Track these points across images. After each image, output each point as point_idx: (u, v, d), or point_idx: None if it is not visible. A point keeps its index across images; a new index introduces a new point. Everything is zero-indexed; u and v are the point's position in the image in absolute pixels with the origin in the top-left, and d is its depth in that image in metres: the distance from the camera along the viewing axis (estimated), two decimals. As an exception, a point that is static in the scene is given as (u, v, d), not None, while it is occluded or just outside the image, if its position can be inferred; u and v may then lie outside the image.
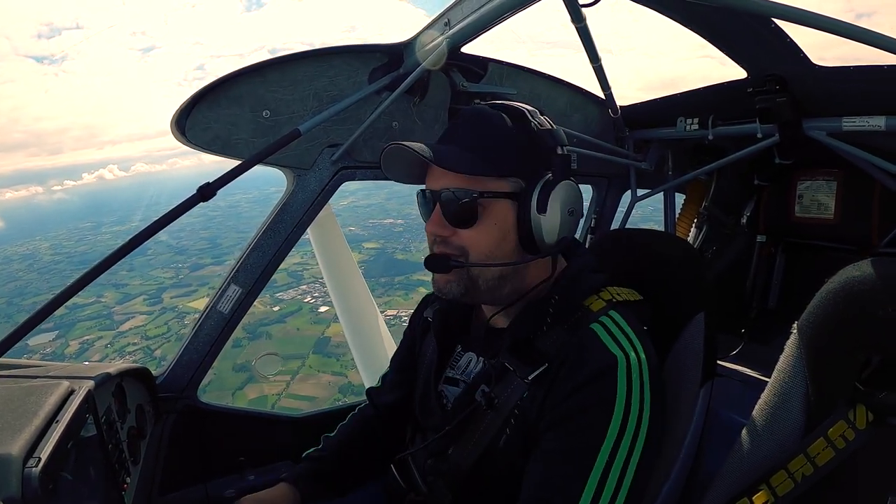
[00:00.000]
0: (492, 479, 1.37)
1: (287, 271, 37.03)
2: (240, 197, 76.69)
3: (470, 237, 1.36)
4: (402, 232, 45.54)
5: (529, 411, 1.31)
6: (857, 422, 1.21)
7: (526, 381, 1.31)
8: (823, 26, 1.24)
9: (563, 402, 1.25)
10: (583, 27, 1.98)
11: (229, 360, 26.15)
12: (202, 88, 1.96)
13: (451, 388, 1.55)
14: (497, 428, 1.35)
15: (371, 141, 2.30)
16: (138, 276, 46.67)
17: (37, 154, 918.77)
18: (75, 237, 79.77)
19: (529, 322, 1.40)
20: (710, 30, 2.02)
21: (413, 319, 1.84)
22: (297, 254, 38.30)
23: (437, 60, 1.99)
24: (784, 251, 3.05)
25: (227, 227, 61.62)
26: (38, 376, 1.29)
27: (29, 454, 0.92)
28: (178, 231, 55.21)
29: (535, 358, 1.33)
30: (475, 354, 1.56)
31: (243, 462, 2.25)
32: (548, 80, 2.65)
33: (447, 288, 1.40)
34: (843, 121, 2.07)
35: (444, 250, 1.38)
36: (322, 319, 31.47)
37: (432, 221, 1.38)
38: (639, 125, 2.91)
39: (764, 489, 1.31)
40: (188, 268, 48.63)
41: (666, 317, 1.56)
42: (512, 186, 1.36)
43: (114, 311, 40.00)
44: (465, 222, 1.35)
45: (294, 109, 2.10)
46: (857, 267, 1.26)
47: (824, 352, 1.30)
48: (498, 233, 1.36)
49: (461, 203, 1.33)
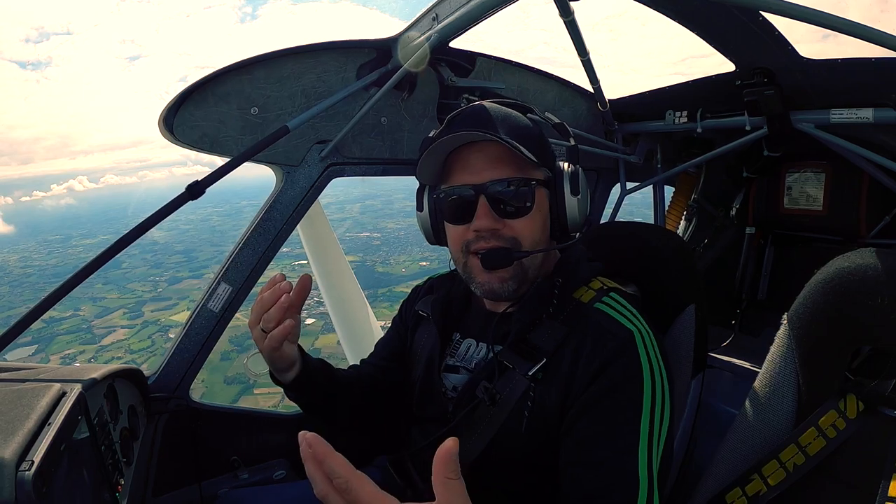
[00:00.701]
0: (493, 475, 1.37)
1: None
2: (211, 210, 76.15)
3: (521, 227, 1.38)
4: (379, 245, 45.60)
5: (546, 401, 1.31)
6: (847, 411, 1.23)
7: (526, 377, 1.32)
8: (811, 19, 1.25)
9: (590, 386, 1.26)
10: (571, 21, 1.97)
11: (219, 372, 25.85)
12: (190, 86, 1.95)
13: (451, 376, 1.55)
14: (501, 422, 1.35)
15: (360, 137, 2.29)
16: (115, 290, 46.15)
17: (7, 163, 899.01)
18: (45, 249, 78.54)
19: (536, 306, 1.41)
20: (698, 23, 2.02)
21: (404, 309, 1.83)
22: (278, 266, 37.95)
23: (418, 62, 2.00)
24: (773, 243, 3.07)
25: (201, 241, 61.06)
26: (29, 379, 1.28)
27: (22, 457, 0.91)
28: (151, 245, 54.91)
29: (532, 353, 1.34)
30: (475, 340, 1.56)
31: (236, 461, 2.25)
32: (536, 74, 2.65)
33: (503, 287, 1.40)
34: (832, 113, 2.08)
35: (498, 244, 1.37)
36: (309, 332, 31.15)
37: (481, 216, 1.36)
38: (628, 118, 2.92)
39: (756, 479, 1.33)
40: (165, 281, 48.20)
41: (656, 309, 1.57)
42: (543, 174, 1.41)
43: (93, 325, 39.39)
44: (520, 212, 1.37)
45: (282, 106, 2.09)
46: (846, 258, 1.28)
47: (814, 342, 1.31)
48: (542, 220, 1.41)
49: (519, 191, 1.36)
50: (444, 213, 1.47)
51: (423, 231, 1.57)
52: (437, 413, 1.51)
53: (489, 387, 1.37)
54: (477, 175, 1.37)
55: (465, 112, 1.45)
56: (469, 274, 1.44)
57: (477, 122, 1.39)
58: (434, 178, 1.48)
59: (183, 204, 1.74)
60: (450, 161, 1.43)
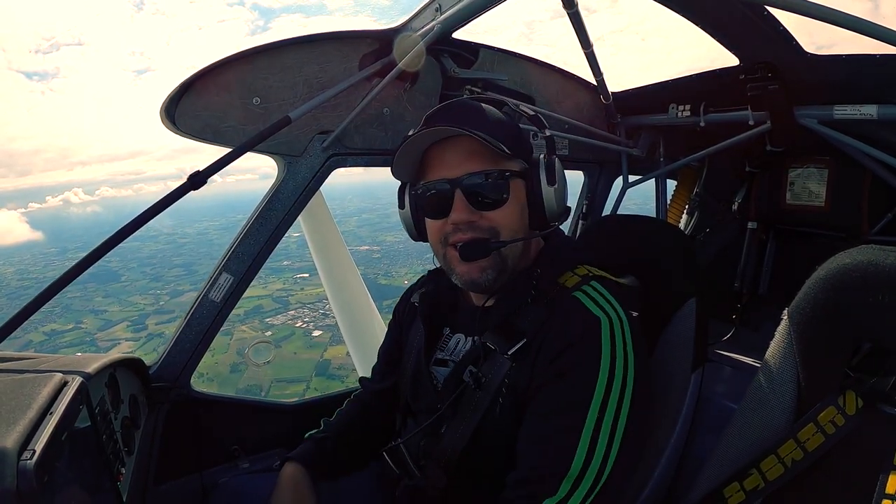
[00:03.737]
0: (485, 459, 1.40)
1: (272, 297, 36.95)
2: (207, 224, 76.03)
3: (499, 217, 1.41)
4: (380, 258, 45.92)
5: (518, 382, 1.34)
6: (846, 408, 1.23)
7: (507, 356, 1.35)
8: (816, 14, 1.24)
9: (551, 364, 1.30)
10: (574, 13, 1.96)
11: (230, 386, 25.72)
12: (191, 76, 1.94)
13: (440, 370, 1.58)
14: (486, 405, 1.38)
15: (362, 127, 2.28)
16: (116, 303, 46.21)
17: (5, 175, 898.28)
18: (41, 262, 78.30)
19: (517, 294, 1.44)
20: (702, 16, 2.01)
21: (398, 309, 1.87)
22: (280, 279, 38.02)
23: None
24: (775, 238, 3.06)
25: (200, 254, 61.43)
26: (31, 369, 1.29)
27: (23, 447, 0.91)
28: (149, 258, 54.90)
29: (514, 334, 1.37)
30: (464, 335, 1.60)
31: (237, 450, 2.26)
32: (539, 65, 2.64)
33: (482, 276, 1.43)
34: (835, 109, 2.07)
35: (476, 235, 1.40)
36: (317, 343, 31.08)
37: (457, 209, 1.40)
38: (630, 111, 2.90)
39: (754, 473, 1.33)
40: (167, 294, 48.32)
41: (657, 302, 1.57)
42: (519, 165, 1.44)
43: (97, 338, 39.52)
44: (496, 203, 1.40)
45: (284, 96, 2.08)
46: (848, 254, 1.27)
47: (815, 338, 1.31)
48: (519, 210, 1.44)
49: (494, 183, 1.39)
50: (423, 209, 1.51)
51: (405, 228, 1.63)
52: (428, 405, 1.54)
53: (475, 371, 1.41)
54: (452, 169, 1.41)
55: (439, 109, 1.50)
56: (449, 265, 1.49)
57: (450, 117, 1.43)
58: (412, 176, 1.52)
59: (185, 194, 1.75)
60: (426, 158, 1.47)
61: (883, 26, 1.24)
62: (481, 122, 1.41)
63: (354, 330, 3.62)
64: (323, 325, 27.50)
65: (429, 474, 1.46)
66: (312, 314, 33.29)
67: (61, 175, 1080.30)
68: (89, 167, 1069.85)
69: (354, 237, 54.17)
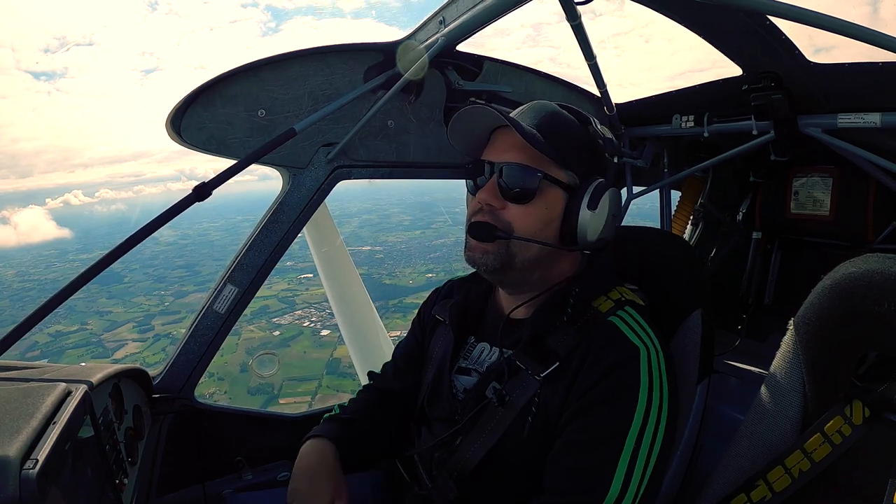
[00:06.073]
0: (498, 476, 1.38)
1: (277, 297, 36.75)
2: (207, 225, 76.05)
3: (519, 213, 1.40)
4: (383, 259, 45.68)
5: (550, 406, 1.33)
6: (853, 417, 1.22)
7: (538, 378, 1.33)
8: (818, 23, 1.24)
9: (587, 393, 1.28)
10: (577, 25, 1.97)
11: (241, 385, 25.74)
12: (197, 88, 1.96)
13: (462, 378, 1.56)
14: (508, 424, 1.36)
15: (366, 140, 2.29)
16: (120, 304, 46.03)
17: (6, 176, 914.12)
18: (42, 264, 78.32)
19: (550, 313, 1.42)
20: (705, 27, 2.02)
21: (422, 312, 1.84)
22: (284, 280, 38.08)
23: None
24: (780, 248, 3.05)
25: (202, 255, 60.95)
26: (35, 378, 1.29)
27: (26, 456, 0.91)
28: (151, 259, 54.95)
29: (547, 356, 1.35)
30: (489, 344, 1.57)
31: (241, 462, 2.25)
32: (543, 77, 2.65)
33: (483, 259, 1.41)
34: (839, 118, 2.07)
35: (490, 220, 1.40)
36: (326, 343, 30.92)
37: (486, 190, 1.41)
38: (634, 122, 2.91)
39: (761, 484, 1.32)
40: (172, 295, 47.89)
41: (663, 313, 1.56)
42: (568, 178, 1.42)
43: (103, 339, 39.13)
44: (521, 198, 1.39)
45: (289, 108, 2.10)
46: (854, 263, 1.27)
47: (821, 348, 1.31)
48: (545, 217, 1.41)
49: (524, 178, 1.38)
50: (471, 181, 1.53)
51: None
52: (446, 413, 1.52)
53: (499, 388, 1.39)
54: (500, 154, 1.43)
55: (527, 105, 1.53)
56: (466, 241, 1.48)
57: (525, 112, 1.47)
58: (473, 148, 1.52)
59: (190, 205, 1.75)
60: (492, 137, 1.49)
61: (885, 34, 1.25)
62: (545, 122, 1.43)
63: (358, 339, 3.60)
64: (331, 324, 27.29)
65: (440, 486, 1.45)
66: (319, 314, 33.04)
67: (61, 177, 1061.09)
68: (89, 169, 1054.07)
69: (356, 238, 53.92)
